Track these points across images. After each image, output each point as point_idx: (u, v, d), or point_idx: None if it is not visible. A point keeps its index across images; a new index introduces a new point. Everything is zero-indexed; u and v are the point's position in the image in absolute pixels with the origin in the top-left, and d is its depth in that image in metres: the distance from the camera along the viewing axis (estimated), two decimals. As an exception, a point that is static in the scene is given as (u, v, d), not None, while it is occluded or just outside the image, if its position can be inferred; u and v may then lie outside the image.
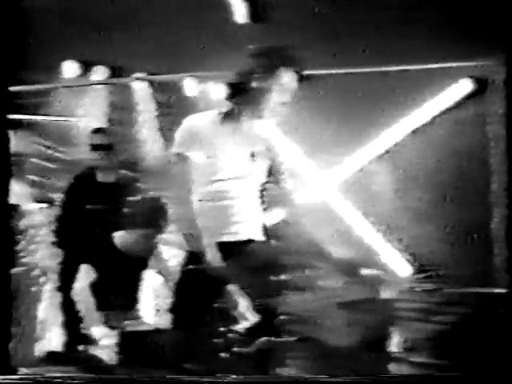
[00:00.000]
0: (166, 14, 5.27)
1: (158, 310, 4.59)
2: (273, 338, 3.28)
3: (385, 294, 3.43)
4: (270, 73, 3.40)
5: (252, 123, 3.50)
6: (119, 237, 4.47)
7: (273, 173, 3.54)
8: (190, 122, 3.46)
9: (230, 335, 3.25)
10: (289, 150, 5.42)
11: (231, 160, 3.41)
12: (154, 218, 4.47)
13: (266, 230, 3.51)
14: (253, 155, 3.47)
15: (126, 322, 4.25)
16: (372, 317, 3.34)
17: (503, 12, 3.51)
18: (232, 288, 3.27)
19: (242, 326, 3.26)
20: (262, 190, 3.52)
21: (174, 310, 3.50)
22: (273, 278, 3.30)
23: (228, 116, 3.49)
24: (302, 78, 3.43)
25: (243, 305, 3.26)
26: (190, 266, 3.40)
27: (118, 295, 4.44)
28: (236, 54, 3.57)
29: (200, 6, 5.20)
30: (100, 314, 4.34)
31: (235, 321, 3.26)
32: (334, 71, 5.11)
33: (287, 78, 3.41)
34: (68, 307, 4.54)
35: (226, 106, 3.52)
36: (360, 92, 5.19)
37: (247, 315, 3.26)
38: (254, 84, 3.42)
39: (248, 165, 3.45)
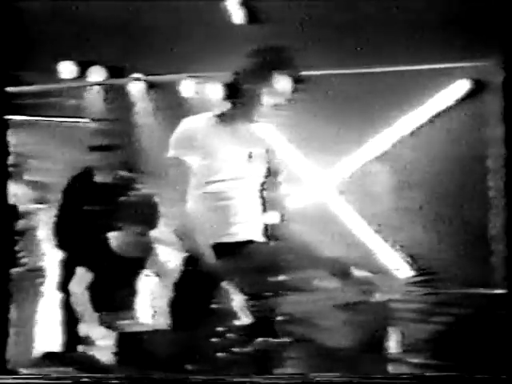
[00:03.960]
0: (163, 15, 5.27)
1: (155, 311, 4.59)
2: (270, 339, 3.28)
3: (383, 295, 3.43)
4: (266, 74, 3.39)
5: (249, 124, 3.50)
6: (114, 237, 4.47)
7: (271, 173, 3.53)
8: (186, 125, 3.43)
9: (228, 335, 3.25)
10: (287, 150, 5.42)
11: (229, 161, 3.41)
12: (145, 214, 4.48)
13: (266, 231, 3.51)
14: (250, 156, 3.46)
15: (123, 323, 4.25)
16: (371, 318, 3.34)
17: (501, 13, 3.51)
18: (227, 285, 3.27)
19: (234, 324, 3.26)
20: (260, 191, 3.51)
21: (170, 310, 3.50)
22: (271, 278, 3.30)
23: (225, 117, 3.49)
24: (299, 79, 3.42)
25: (237, 303, 3.26)
26: (187, 267, 3.40)
27: (115, 296, 4.43)
28: (233, 54, 3.57)
29: (197, 7, 5.20)
30: (97, 315, 4.34)
31: (231, 319, 3.26)
32: (332, 72, 5.11)
33: (284, 79, 3.41)
34: (66, 308, 4.55)
35: (223, 107, 3.51)
36: (358, 93, 5.19)
37: (239, 314, 3.25)
38: (250, 85, 3.41)
39: (246, 166, 3.44)
